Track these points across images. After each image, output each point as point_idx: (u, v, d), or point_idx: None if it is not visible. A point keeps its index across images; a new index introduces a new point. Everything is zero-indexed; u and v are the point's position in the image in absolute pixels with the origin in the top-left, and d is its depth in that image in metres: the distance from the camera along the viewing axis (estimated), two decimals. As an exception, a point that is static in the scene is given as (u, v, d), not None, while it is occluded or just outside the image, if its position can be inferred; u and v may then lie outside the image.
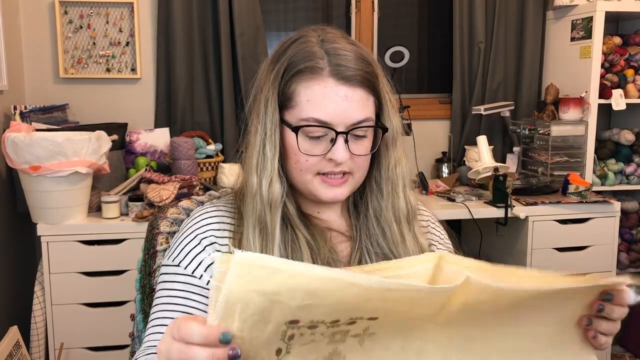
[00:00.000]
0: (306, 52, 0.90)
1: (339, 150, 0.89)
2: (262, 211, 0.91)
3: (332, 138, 0.90)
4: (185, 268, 0.92)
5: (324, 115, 0.88)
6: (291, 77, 0.90)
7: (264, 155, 0.91)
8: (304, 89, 0.89)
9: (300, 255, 0.92)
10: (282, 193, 0.92)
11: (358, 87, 0.90)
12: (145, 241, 1.12)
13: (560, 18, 2.83)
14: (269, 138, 0.91)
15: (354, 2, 2.93)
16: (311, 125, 0.89)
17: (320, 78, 0.89)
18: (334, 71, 0.89)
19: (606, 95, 2.66)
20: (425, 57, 3.16)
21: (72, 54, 2.60)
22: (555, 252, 2.42)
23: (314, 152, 0.90)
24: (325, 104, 0.88)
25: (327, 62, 0.89)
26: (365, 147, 0.93)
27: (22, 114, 2.36)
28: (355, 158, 0.92)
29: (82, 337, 2.10)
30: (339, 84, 0.88)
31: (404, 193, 0.98)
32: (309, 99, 0.89)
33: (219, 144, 2.60)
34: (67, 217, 2.07)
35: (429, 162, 2.98)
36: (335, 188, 0.92)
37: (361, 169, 0.94)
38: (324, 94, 0.88)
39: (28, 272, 2.41)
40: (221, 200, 1.02)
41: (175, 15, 2.58)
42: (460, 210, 2.34)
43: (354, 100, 0.89)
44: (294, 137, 0.90)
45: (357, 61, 0.90)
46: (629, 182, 2.79)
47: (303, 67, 0.89)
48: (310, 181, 0.92)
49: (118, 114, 2.65)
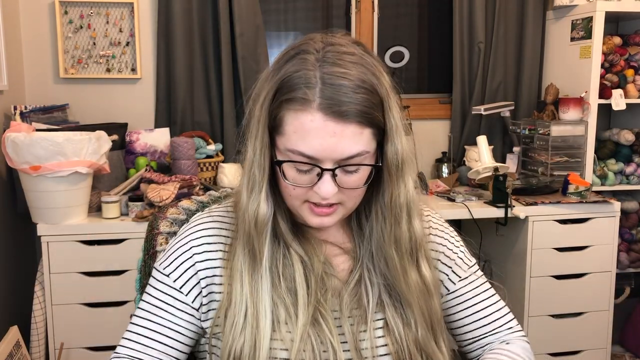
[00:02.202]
0: (300, 76, 0.82)
1: (325, 185, 0.83)
2: (249, 230, 0.89)
3: (318, 173, 0.83)
4: (174, 281, 0.91)
5: (309, 150, 0.81)
6: (281, 102, 0.83)
7: (252, 176, 0.88)
8: (292, 118, 0.82)
9: (292, 271, 0.89)
10: (269, 215, 0.89)
11: (350, 122, 0.81)
12: (145, 241, 1.11)
13: (560, 18, 2.83)
14: (257, 160, 0.87)
15: (354, 2, 2.93)
16: (295, 162, 0.83)
17: (308, 110, 0.80)
18: (323, 104, 0.80)
19: (606, 95, 2.66)
20: (425, 57, 3.16)
21: (72, 54, 2.60)
22: (555, 252, 2.42)
23: (300, 182, 0.85)
24: (310, 138, 0.81)
25: (319, 93, 0.80)
26: (357, 179, 0.86)
27: (22, 114, 2.36)
28: (345, 190, 0.86)
29: (82, 337, 2.10)
30: (327, 119, 0.80)
31: (408, 224, 0.91)
32: (296, 130, 0.82)
33: (219, 144, 2.60)
34: (67, 217, 2.07)
35: (429, 162, 2.98)
36: (324, 217, 0.88)
37: (353, 199, 0.89)
38: (310, 129, 0.80)
39: (28, 272, 2.41)
40: (220, 207, 0.99)
41: (175, 15, 2.58)
42: (460, 210, 2.34)
43: (343, 136, 0.81)
44: (285, 181, 0.86)
45: (354, 92, 0.81)
46: (629, 182, 2.79)
47: (293, 96, 0.81)
48: (299, 207, 0.88)
49: (118, 114, 2.65)
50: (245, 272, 0.89)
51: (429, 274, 0.94)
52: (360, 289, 0.92)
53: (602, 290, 2.48)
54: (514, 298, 2.49)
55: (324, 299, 0.89)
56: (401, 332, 0.90)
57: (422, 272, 0.93)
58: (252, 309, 0.88)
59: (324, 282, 0.91)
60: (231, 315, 0.88)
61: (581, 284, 2.46)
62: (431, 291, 0.93)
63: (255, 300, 0.88)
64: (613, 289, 2.50)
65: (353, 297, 0.92)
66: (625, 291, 2.86)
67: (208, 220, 0.95)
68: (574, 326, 2.48)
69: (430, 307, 0.92)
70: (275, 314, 0.88)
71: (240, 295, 0.88)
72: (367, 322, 0.90)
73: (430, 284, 0.93)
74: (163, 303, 0.91)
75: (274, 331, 0.87)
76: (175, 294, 0.91)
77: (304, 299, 0.88)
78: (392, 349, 0.90)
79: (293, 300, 0.88)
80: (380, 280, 0.92)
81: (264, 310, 0.87)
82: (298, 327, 0.86)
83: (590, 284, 2.47)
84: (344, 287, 0.92)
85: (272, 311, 0.88)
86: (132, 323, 0.92)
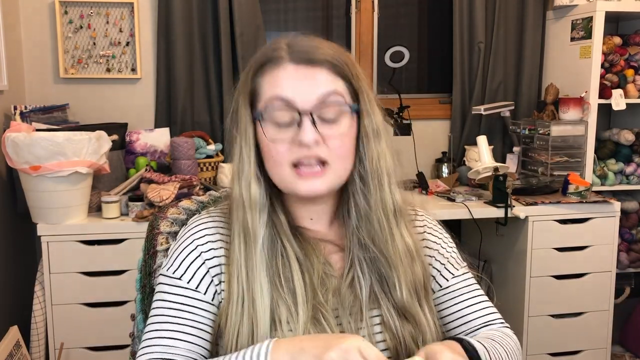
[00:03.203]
0: (270, 47, 0.90)
1: (306, 130, 0.86)
2: (243, 217, 0.90)
3: (298, 122, 0.87)
4: (188, 282, 0.90)
5: (283, 92, 0.87)
6: (256, 74, 0.90)
7: (241, 159, 0.91)
8: (267, 77, 0.89)
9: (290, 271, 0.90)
10: (261, 194, 0.90)
11: (320, 67, 0.88)
12: (145, 241, 1.12)
13: (560, 18, 2.83)
14: (244, 139, 0.91)
15: (354, 2, 2.93)
16: (274, 106, 0.87)
17: (281, 66, 0.88)
18: (293, 56, 0.88)
19: (606, 95, 2.66)
20: (425, 57, 3.16)
21: (72, 54, 2.60)
22: (555, 252, 2.42)
23: (282, 136, 0.87)
24: (284, 84, 0.87)
25: (287, 51, 0.88)
26: (338, 132, 0.89)
27: (22, 114, 2.36)
28: (329, 142, 0.88)
29: (82, 337, 2.10)
30: (299, 67, 0.87)
31: (390, 188, 0.94)
32: (270, 83, 0.88)
33: (219, 144, 2.60)
34: (67, 217, 2.07)
35: (429, 162, 2.98)
36: (313, 180, 0.88)
37: (340, 159, 0.90)
38: (282, 76, 0.88)
39: (28, 272, 2.41)
40: (217, 209, 1.00)
41: (175, 15, 2.58)
42: (460, 210, 2.34)
43: (315, 78, 0.87)
44: (267, 139, 0.88)
45: (323, 49, 0.89)
46: (629, 182, 2.79)
47: (265, 60, 0.89)
48: (287, 175, 0.88)
49: (118, 114, 2.65)
50: (242, 259, 0.89)
51: (411, 240, 0.97)
52: (354, 282, 0.94)
53: (602, 290, 2.48)
54: (514, 298, 2.49)
55: (325, 299, 0.90)
56: (397, 326, 0.92)
57: (405, 238, 0.95)
58: (248, 296, 0.88)
59: (324, 283, 0.91)
60: (231, 310, 0.88)
61: (581, 284, 2.46)
62: (414, 256, 0.96)
63: (251, 284, 0.88)
64: (613, 289, 2.50)
65: (350, 293, 0.93)
66: (625, 291, 2.86)
67: (208, 220, 0.96)
68: (574, 326, 2.48)
69: (414, 270, 0.95)
70: (277, 314, 0.88)
71: (238, 284, 0.88)
72: (363, 318, 0.91)
73: (413, 249, 0.96)
74: (182, 305, 0.89)
75: (275, 330, 0.87)
76: (192, 294, 0.90)
77: (302, 297, 0.88)
78: (390, 344, 0.92)
79: (293, 300, 0.88)
80: (368, 259, 0.94)
81: (259, 290, 0.87)
82: (299, 325, 0.87)
83: (590, 284, 2.47)
84: (342, 284, 0.93)
85: (270, 298, 0.88)
86: (154, 329, 0.89)
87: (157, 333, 0.88)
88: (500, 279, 2.62)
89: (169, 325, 0.88)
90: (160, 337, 0.87)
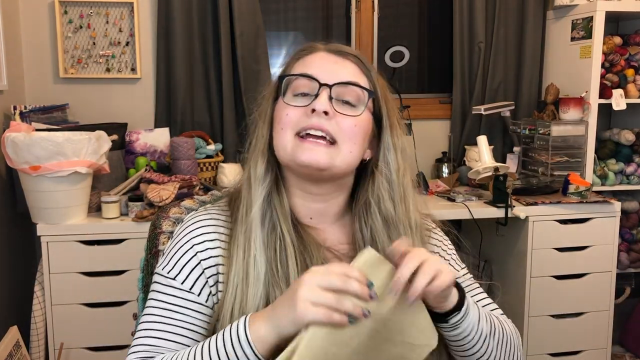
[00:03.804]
0: (306, 45, 0.97)
1: (320, 100, 0.89)
2: (247, 191, 0.93)
3: (316, 93, 0.90)
4: (182, 283, 0.90)
5: (310, 70, 0.92)
6: (289, 63, 0.96)
7: (256, 136, 0.95)
8: (300, 62, 0.95)
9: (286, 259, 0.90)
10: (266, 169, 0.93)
11: (351, 61, 0.94)
12: (147, 240, 1.12)
13: (561, 18, 2.83)
14: (262, 117, 0.95)
15: (354, 2, 2.93)
16: (295, 75, 0.92)
17: (314, 53, 0.95)
18: (327, 47, 0.95)
19: (606, 95, 2.66)
20: (425, 57, 3.16)
21: (72, 54, 2.60)
22: (555, 252, 2.42)
23: (296, 103, 0.91)
24: (313, 64, 0.93)
25: (323, 44, 0.96)
26: (353, 115, 0.91)
27: (22, 114, 2.35)
28: (339, 120, 0.89)
29: (82, 337, 2.10)
30: (330, 54, 0.94)
31: (413, 206, 0.97)
32: (300, 64, 0.94)
33: (219, 144, 2.60)
34: (67, 217, 2.07)
35: (429, 162, 2.98)
36: (316, 148, 0.88)
37: (348, 139, 0.90)
38: (314, 58, 0.94)
39: (28, 272, 2.41)
40: (214, 206, 0.99)
41: (175, 15, 2.58)
42: (460, 210, 2.34)
43: (344, 66, 0.93)
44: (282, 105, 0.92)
45: (360, 54, 0.96)
46: (629, 182, 2.78)
47: (301, 52, 0.96)
48: (290, 141, 0.90)
49: (118, 114, 2.65)
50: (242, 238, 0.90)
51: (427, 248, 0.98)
52: None
53: (602, 290, 2.48)
54: (514, 298, 2.49)
55: None
56: None
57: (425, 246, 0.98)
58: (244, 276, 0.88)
59: None
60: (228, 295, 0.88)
61: (581, 284, 2.46)
62: None
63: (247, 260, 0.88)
64: (613, 289, 2.50)
65: None
66: (626, 291, 2.86)
67: (205, 217, 0.95)
68: (574, 326, 2.48)
69: None
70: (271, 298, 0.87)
71: (235, 265, 0.89)
72: None
73: None
74: (174, 306, 0.89)
75: None
76: (186, 295, 0.90)
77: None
78: None
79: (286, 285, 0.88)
80: None
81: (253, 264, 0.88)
82: None
83: (590, 284, 2.47)
84: None
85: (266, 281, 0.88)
86: (144, 329, 0.89)
87: (147, 332, 0.88)
88: (500, 279, 2.62)
89: (160, 325, 0.88)
90: (149, 337, 0.88)
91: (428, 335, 0.83)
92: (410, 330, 0.81)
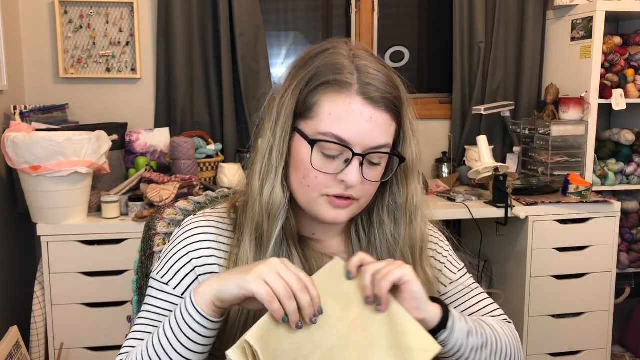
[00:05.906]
0: (336, 64, 0.86)
1: (353, 172, 0.84)
2: (260, 219, 0.88)
3: (347, 159, 0.85)
4: (174, 289, 0.90)
5: (344, 133, 0.83)
6: (316, 87, 0.85)
7: (269, 162, 0.88)
8: (328, 101, 0.84)
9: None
10: (283, 203, 0.88)
11: (384, 110, 0.85)
12: (142, 242, 1.11)
13: (561, 18, 2.83)
14: (277, 145, 0.87)
15: (354, 2, 2.93)
16: (329, 142, 0.84)
17: (347, 94, 0.84)
18: (362, 89, 0.84)
19: (606, 95, 2.66)
20: (425, 57, 3.16)
21: (72, 54, 2.60)
22: (556, 252, 2.42)
23: (326, 169, 0.85)
24: (347, 121, 0.83)
25: (357, 79, 0.84)
26: (377, 174, 0.89)
27: (22, 114, 2.35)
28: (365, 184, 0.87)
29: (82, 337, 2.10)
30: (365, 104, 0.84)
31: (419, 225, 0.95)
32: (332, 112, 0.84)
33: (219, 144, 2.60)
34: (67, 217, 2.07)
35: (429, 162, 2.98)
36: (339, 210, 0.88)
37: (366, 196, 0.90)
38: (348, 111, 0.83)
39: (28, 272, 2.41)
40: (213, 210, 0.98)
41: (175, 15, 2.58)
42: (460, 210, 2.34)
43: (377, 123, 0.85)
44: (307, 150, 0.85)
45: (386, 84, 0.86)
46: (629, 182, 2.78)
47: (331, 79, 0.84)
48: (314, 200, 0.87)
49: (118, 114, 2.65)
50: (251, 259, 0.89)
51: (430, 271, 0.97)
52: None
53: (602, 290, 2.48)
54: (514, 298, 2.48)
55: None
56: None
57: (426, 270, 0.96)
58: None
59: None
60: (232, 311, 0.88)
61: (581, 284, 2.46)
62: (433, 289, 0.97)
63: None
64: (613, 289, 2.50)
65: None
66: (626, 291, 2.86)
67: (204, 225, 0.94)
68: (574, 326, 2.48)
69: None
70: None
71: None
72: None
73: (431, 282, 0.97)
74: (165, 311, 0.89)
75: None
76: (177, 301, 0.90)
77: None
78: None
79: None
80: None
81: None
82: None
83: (590, 284, 2.47)
84: None
85: None
86: (134, 331, 0.90)
87: (136, 334, 0.89)
88: (500, 279, 2.62)
89: (149, 329, 0.88)
90: (137, 339, 0.88)
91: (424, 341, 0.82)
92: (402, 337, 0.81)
